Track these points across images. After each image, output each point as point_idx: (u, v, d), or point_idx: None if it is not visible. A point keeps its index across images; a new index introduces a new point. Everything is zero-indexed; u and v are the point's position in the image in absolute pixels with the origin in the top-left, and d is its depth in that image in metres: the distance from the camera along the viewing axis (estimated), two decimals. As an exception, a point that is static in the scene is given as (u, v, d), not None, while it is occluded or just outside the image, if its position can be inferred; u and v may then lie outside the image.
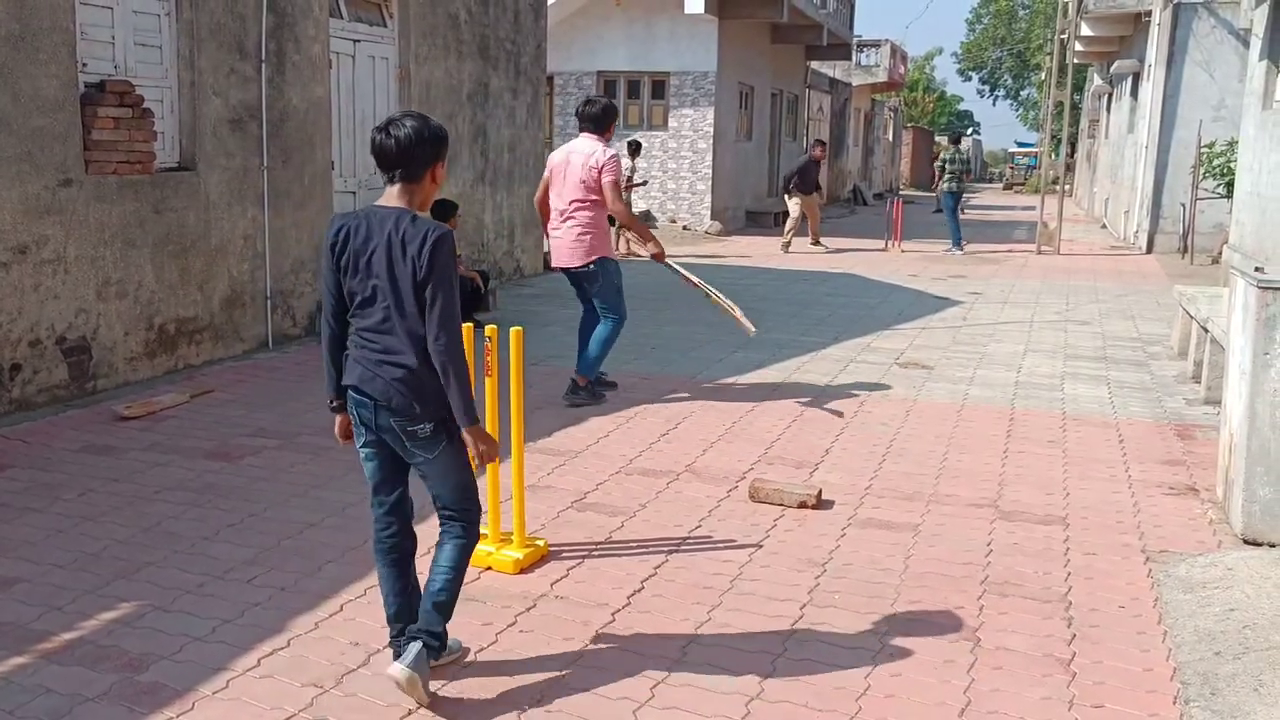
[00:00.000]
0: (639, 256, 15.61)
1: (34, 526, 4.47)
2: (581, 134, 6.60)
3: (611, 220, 6.75)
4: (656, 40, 19.56)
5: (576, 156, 6.50)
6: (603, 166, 6.43)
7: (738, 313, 6.71)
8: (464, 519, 3.20)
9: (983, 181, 63.48)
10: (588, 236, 6.50)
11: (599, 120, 6.55)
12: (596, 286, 6.60)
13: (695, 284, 6.79)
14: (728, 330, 9.52)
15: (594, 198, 6.46)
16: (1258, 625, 3.58)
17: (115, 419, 6.09)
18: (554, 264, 6.78)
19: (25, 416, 6.05)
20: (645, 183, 17.69)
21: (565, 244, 6.55)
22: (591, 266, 6.53)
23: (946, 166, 17.61)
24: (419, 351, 2.97)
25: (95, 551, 4.22)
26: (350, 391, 3.08)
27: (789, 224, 17.53)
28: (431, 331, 2.94)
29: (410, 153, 3.01)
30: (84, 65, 6.51)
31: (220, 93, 7.48)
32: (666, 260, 6.80)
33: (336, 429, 3.26)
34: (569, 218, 6.52)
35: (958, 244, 17.19)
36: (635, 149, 16.30)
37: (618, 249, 15.89)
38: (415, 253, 2.92)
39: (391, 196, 3.05)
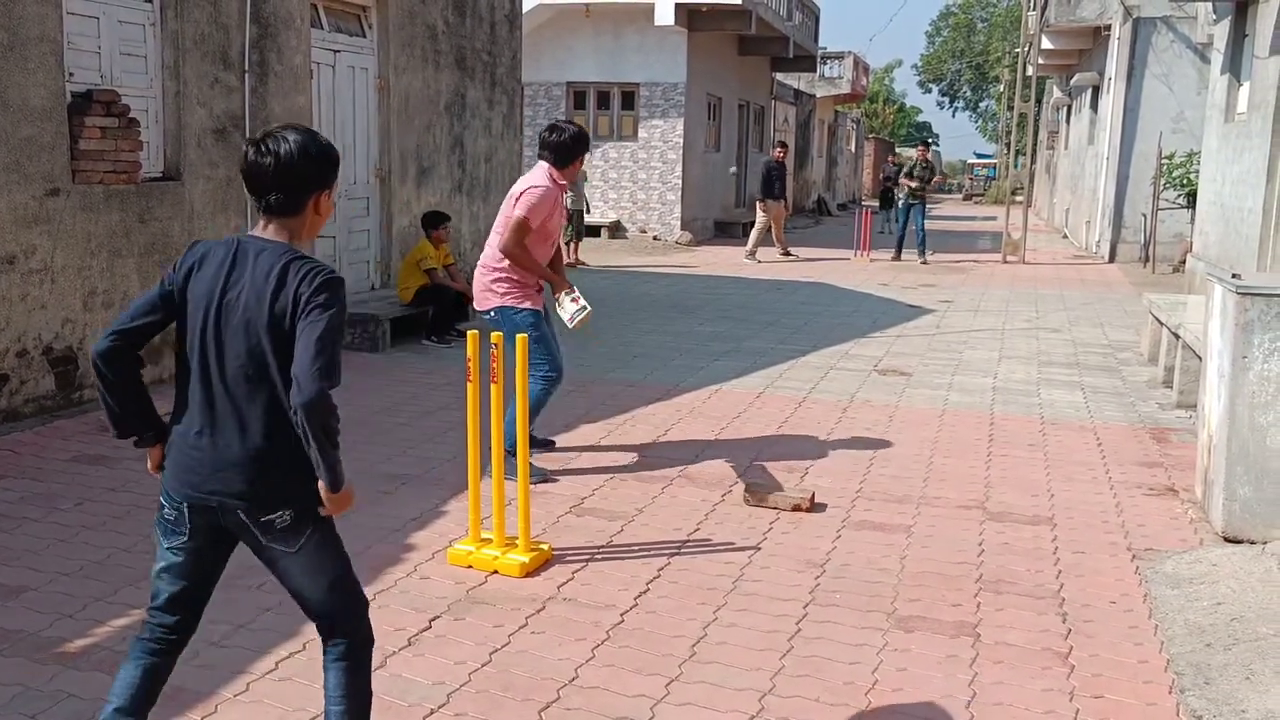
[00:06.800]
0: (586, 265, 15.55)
1: (34, 536, 4.46)
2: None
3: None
4: (626, 51, 19.68)
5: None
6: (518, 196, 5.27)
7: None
8: (345, 627, 2.59)
9: (942, 192, 64.21)
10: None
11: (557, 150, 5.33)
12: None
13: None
14: (707, 340, 9.63)
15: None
16: (1245, 618, 3.72)
17: (104, 429, 6.06)
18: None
19: (12, 427, 6.01)
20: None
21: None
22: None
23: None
24: (278, 420, 2.40)
25: (100, 560, 4.23)
26: (180, 496, 2.50)
27: (754, 233, 17.60)
28: (312, 384, 2.29)
29: (291, 175, 2.44)
30: (71, 75, 6.50)
31: (204, 102, 7.48)
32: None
33: (150, 464, 2.65)
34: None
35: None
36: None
37: (569, 258, 15.74)
38: (299, 294, 2.36)
39: (268, 229, 2.50)
